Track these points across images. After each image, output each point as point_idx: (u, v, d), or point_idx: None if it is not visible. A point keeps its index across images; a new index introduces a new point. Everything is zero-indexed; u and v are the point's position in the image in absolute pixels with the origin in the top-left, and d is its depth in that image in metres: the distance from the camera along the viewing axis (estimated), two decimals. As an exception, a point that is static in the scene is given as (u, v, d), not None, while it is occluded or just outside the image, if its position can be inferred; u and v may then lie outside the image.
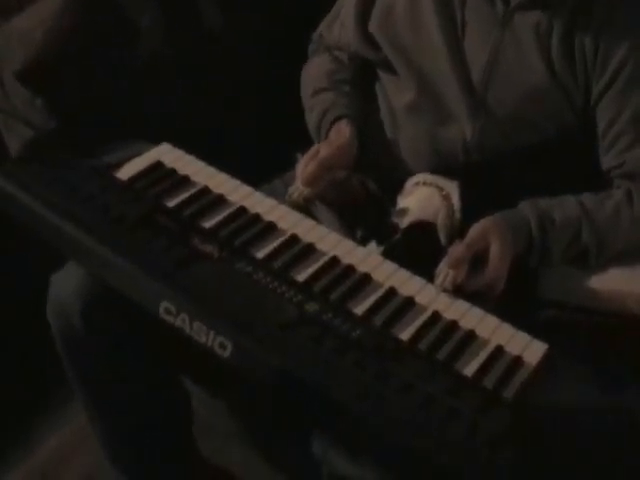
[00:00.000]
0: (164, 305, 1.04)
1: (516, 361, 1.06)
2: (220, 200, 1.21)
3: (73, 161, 1.23)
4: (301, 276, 1.11)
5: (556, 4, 1.25)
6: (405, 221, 1.22)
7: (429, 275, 1.14)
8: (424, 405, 0.97)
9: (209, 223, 1.16)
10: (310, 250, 1.15)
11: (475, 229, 1.18)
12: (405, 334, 1.06)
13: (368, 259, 1.16)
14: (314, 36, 1.53)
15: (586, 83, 1.27)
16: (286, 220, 1.19)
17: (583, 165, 1.32)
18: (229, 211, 1.19)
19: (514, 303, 1.21)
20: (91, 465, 1.61)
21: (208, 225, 1.16)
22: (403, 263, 1.16)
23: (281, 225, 1.19)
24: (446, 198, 1.25)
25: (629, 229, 1.26)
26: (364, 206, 1.31)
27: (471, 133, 1.31)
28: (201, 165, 1.26)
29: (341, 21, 1.45)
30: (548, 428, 1.00)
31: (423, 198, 1.25)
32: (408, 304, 1.11)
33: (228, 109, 1.60)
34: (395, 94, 1.38)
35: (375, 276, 1.13)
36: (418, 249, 1.21)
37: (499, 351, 1.07)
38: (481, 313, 1.11)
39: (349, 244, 1.18)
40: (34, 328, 1.34)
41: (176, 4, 1.57)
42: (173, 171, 1.24)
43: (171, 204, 1.18)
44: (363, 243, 1.20)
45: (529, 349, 1.08)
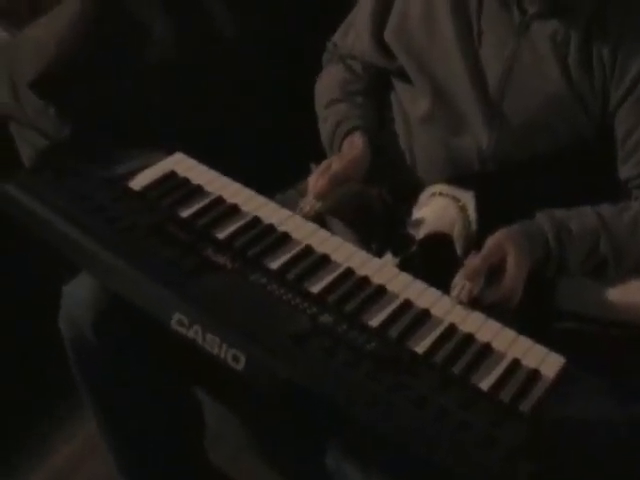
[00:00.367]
0: (177, 317, 1.03)
1: (533, 374, 1.05)
2: (234, 210, 1.20)
3: (86, 171, 1.23)
4: (315, 287, 1.10)
5: (573, 12, 1.24)
6: (421, 232, 1.21)
7: (445, 287, 1.13)
8: (438, 418, 0.96)
9: (223, 233, 1.16)
10: (325, 261, 1.15)
11: (492, 240, 1.17)
12: (420, 347, 1.05)
13: (383, 270, 1.15)
14: (328, 45, 1.52)
15: (604, 91, 1.26)
16: (300, 231, 1.18)
17: (600, 175, 1.31)
18: (243, 221, 1.18)
19: (531, 315, 1.20)
20: (101, 474, 1.61)
21: (222, 235, 1.15)
22: (419, 275, 1.15)
23: (295, 236, 1.18)
24: (462, 209, 1.24)
25: (648, 241, 1.25)
26: (379, 217, 1.30)
27: (487, 142, 1.30)
28: (215, 175, 1.25)
29: (356, 30, 1.44)
30: (563, 441, 0.99)
31: (439, 209, 1.25)
32: (424, 316, 1.10)
33: (228, 109, 1.59)
34: (410, 103, 1.37)
35: (390, 288, 1.12)
36: (434, 261, 1.20)
37: (516, 364, 1.06)
38: (498, 326, 1.10)
39: (364, 255, 1.17)
40: (34, 328, 1.34)
41: (187, 10, 1.57)
42: (187, 181, 1.24)
43: (185, 214, 1.18)
44: (378, 255, 1.19)
45: (546, 362, 1.07)
